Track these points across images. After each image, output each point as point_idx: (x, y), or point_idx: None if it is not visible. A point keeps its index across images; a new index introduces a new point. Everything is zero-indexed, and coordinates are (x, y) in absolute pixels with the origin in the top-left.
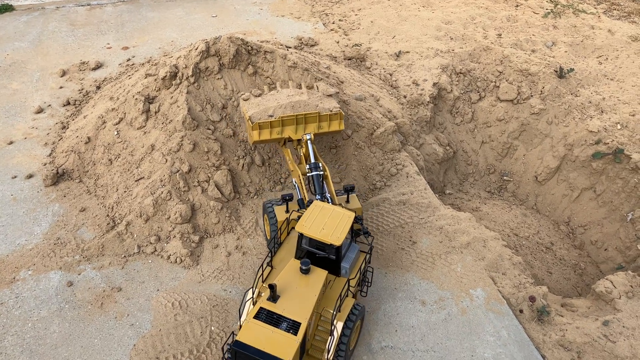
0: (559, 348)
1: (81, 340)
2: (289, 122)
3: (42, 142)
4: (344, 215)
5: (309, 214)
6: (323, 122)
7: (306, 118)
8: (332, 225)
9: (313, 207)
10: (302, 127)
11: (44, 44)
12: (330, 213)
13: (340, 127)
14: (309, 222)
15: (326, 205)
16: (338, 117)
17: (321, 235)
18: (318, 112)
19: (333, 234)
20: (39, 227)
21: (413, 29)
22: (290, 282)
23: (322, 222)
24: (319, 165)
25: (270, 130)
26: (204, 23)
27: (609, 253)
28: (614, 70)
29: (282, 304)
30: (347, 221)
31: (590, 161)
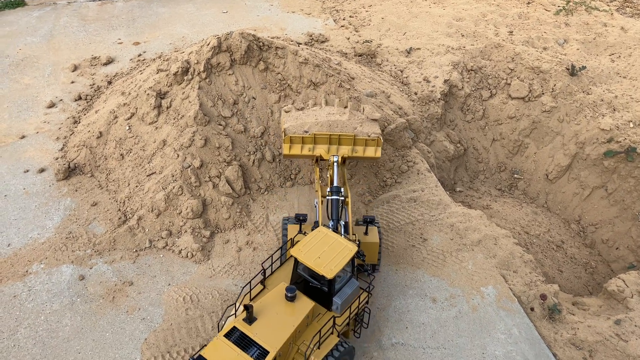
0: (570, 346)
1: (93, 333)
2: (322, 140)
3: (54, 137)
4: (345, 247)
5: (309, 240)
6: (358, 145)
7: (340, 139)
8: (330, 256)
9: (315, 233)
10: (335, 147)
11: (55, 38)
12: (331, 242)
13: (376, 154)
14: (307, 247)
15: (330, 233)
16: (375, 144)
17: (315, 264)
18: (354, 135)
19: (327, 265)
20: (51, 221)
21: (424, 25)
22: (273, 306)
23: (320, 250)
24: (340, 189)
25: (302, 145)
26: (215, 19)
27: (620, 252)
28: (626, 68)
29: (257, 328)
30: (346, 254)
31: (602, 159)
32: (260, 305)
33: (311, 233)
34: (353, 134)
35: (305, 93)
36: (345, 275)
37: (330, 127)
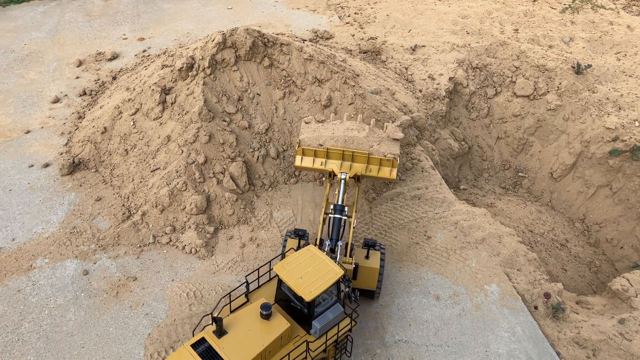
0: (574, 345)
1: (96, 328)
2: (335, 155)
3: (59, 132)
4: (330, 270)
5: (295, 257)
6: (373, 164)
7: (354, 156)
8: (312, 277)
9: (303, 252)
10: (348, 164)
11: (60, 34)
12: (317, 263)
13: (390, 176)
14: (291, 265)
15: (318, 254)
16: (390, 164)
17: (295, 284)
18: (368, 153)
19: (308, 287)
20: (55, 215)
21: (429, 23)
22: (246, 322)
23: (304, 270)
24: (344, 209)
25: (314, 159)
26: (220, 15)
27: (624, 251)
28: (632, 66)
29: (225, 342)
30: (330, 277)
31: (606, 158)
32: (234, 320)
33: (300, 251)
34: (367, 152)
35: (310, 89)
36: (330, 300)
37: (345, 143)
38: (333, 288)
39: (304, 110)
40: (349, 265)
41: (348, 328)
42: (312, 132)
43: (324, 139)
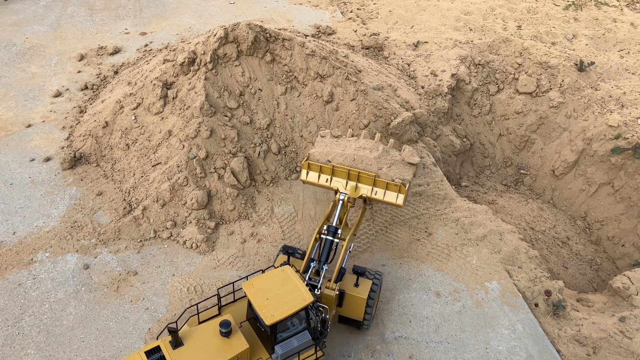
0: (574, 343)
1: (97, 322)
2: (341, 174)
3: (60, 126)
4: (299, 295)
5: (268, 277)
6: (379, 187)
7: (360, 176)
8: (280, 300)
9: (277, 272)
10: (354, 184)
11: (62, 28)
12: (288, 286)
13: (396, 202)
14: (261, 284)
15: (292, 276)
16: (397, 190)
17: (258, 305)
18: (375, 175)
19: (271, 310)
20: (56, 209)
21: (432, 19)
22: (206, 337)
23: (273, 291)
24: (337, 231)
25: (319, 175)
26: (222, 10)
27: (626, 249)
28: (635, 64)
29: (179, 354)
30: (297, 304)
31: (609, 156)
32: (194, 332)
33: (274, 270)
34: (374, 174)
35: (312, 85)
36: (298, 326)
37: (354, 162)
38: (302, 314)
39: (306, 106)
40: (330, 292)
41: (313, 358)
42: (323, 147)
43: (334, 155)
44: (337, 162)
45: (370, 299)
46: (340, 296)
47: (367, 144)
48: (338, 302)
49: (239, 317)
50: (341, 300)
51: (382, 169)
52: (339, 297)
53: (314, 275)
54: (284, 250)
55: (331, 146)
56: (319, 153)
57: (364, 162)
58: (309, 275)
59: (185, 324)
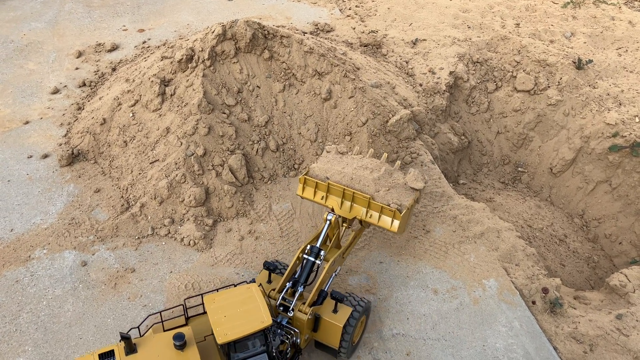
0: (571, 340)
1: (95, 319)
2: (336, 192)
3: (58, 123)
4: (258, 317)
5: (232, 293)
6: (374, 210)
7: (355, 197)
8: (237, 320)
9: (242, 290)
10: (349, 204)
11: (60, 24)
12: (249, 306)
13: (391, 228)
14: (222, 300)
15: (255, 296)
16: (392, 215)
17: (214, 321)
18: (369, 197)
19: (226, 328)
20: (54, 206)
21: (430, 16)
22: (160, 347)
23: (234, 309)
24: (320, 252)
25: (315, 191)
26: (220, 7)
27: (623, 247)
28: (633, 62)
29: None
30: (253, 325)
31: (606, 154)
32: (149, 341)
33: (239, 287)
34: (369, 196)
35: (310, 82)
36: (257, 347)
37: (351, 181)
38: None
39: (304, 103)
40: (302, 315)
41: None
42: (324, 163)
43: (333, 172)
44: (335, 180)
45: (348, 327)
46: (315, 321)
47: (370, 163)
48: (313, 327)
49: (206, 330)
50: (317, 326)
51: (379, 191)
52: (314, 321)
53: (289, 296)
54: (265, 267)
55: (332, 162)
56: (319, 169)
57: (362, 182)
58: (283, 296)
59: (150, 329)
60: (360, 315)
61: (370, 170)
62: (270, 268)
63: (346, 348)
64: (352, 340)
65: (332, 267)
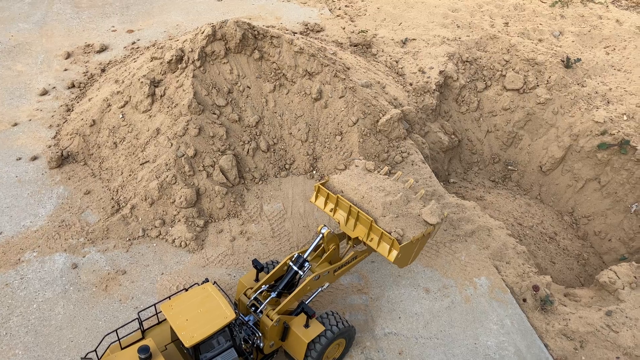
0: (561, 337)
1: (86, 322)
2: (344, 207)
3: (47, 124)
4: (220, 313)
5: (188, 296)
6: (374, 234)
7: (359, 216)
8: (200, 320)
9: (198, 290)
10: (353, 222)
11: (48, 25)
12: (209, 305)
13: (388, 256)
14: (180, 305)
15: (213, 294)
16: (390, 243)
17: (177, 326)
18: (372, 220)
19: (190, 331)
20: (44, 209)
21: (420, 16)
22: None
23: (193, 310)
24: (305, 264)
25: (326, 202)
26: (210, 7)
27: (612, 244)
28: (621, 60)
29: None
30: (217, 322)
31: (595, 152)
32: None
33: (194, 289)
34: (371, 219)
35: (301, 83)
36: (224, 344)
37: (362, 200)
38: (227, 332)
39: (295, 103)
40: (267, 320)
41: None
42: (345, 177)
43: (348, 187)
44: (347, 196)
45: (315, 344)
46: (285, 330)
47: (389, 186)
48: (282, 336)
49: (165, 339)
50: (284, 335)
51: (385, 216)
52: (283, 330)
53: (263, 299)
54: (254, 265)
55: (353, 177)
56: (338, 181)
57: (371, 203)
58: (256, 296)
59: (107, 350)
60: (333, 337)
61: (385, 193)
62: (258, 267)
63: None
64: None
65: (317, 282)
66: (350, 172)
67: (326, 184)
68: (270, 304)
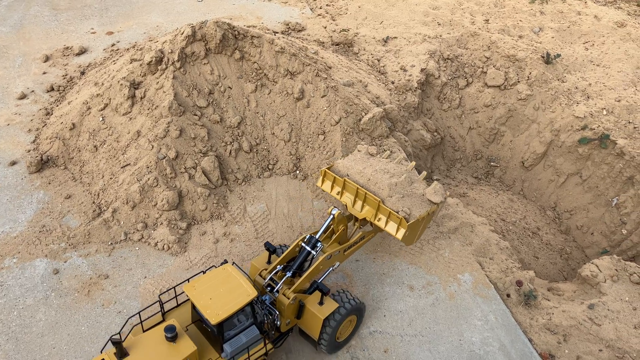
0: (545, 331)
1: (68, 328)
2: (351, 190)
3: (26, 129)
4: (243, 292)
5: (210, 276)
6: (382, 214)
7: (367, 197)
8: (224, 298)
9: (218, 271)
10: (360, 204)
11: (25, 28)
12: (230, 284)
13: (396, 234)
14: (203, 285)
15: (233, 273)
16: (398, 222)
17: (203, 306)
18: (380, 201)
19: (216, 309)
20: (24, 214)
21: (401, 14)
22: (151, 344)
23: (217, 290)
24: (317, 244)
25: (332, 185)
26: (190, 7)
27: (594, 237)
28: (600, 56)
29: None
30: (241, 300)
31: (576, 147)
32: (138, 341)
33: (215, 270)
34: (379, 199)
35: (282, 82)
36: (245, 322)
37: (368, 182)
38: (248, 310)
39: (277, 103)
40: (284, 299)
41: (262, 352)
42: (350, 161)
43: (353, 171)
44: (353, 179)
45: (330, 321)
46: (300, 308)
47: (393, 168)
48: (297, 314)
49: (185, 320)
50: (300, 313)
51: (392, 197)
52: (299, 309)
53: (278, 279)
54: (266, 247)
55: (357, 162)
56: (343, 165)
57: (377, 184)
58: (272, 277)
59: (130, 333)
60: (346, 314)
61: (390, 175)
62: (270, 249)
63: (327, 342)
64: (335, 337)
65: (329, 261)
66: (354, 157)
67: (332, 168)
68: (285, 284)
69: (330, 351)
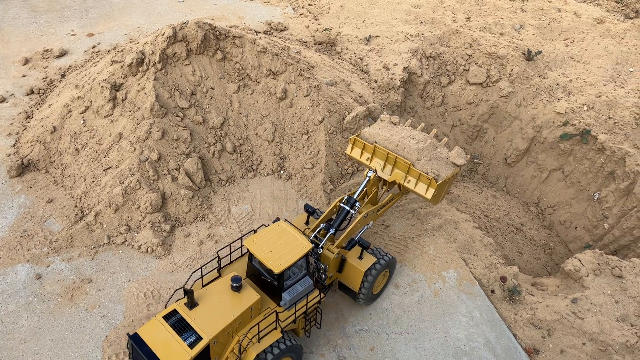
0: (529, 326)
1: (51, 333)
2: (380, 155)
3: (6, 133)
4: (299, 244)
5: (266, 232)
6: (412, 176)
7: (397, 161)
8: (282, 251)
9: (274, 227)
10: (390, 168)
11: (4, 30)
12: (286, 237)
13: (426, 194)
14: (261, 240)
15: (288, 229)
16: (428, 182)
17: (264, 257)
18: (410, 164)
19: (276, 260)
20: (4, 219)
21: (383, 13)
22: (217, 294)
23: (274, 244)
24: (355, 203)
25: (362, 152)
26: (171, 8)
27: (577, 232)
28: (580, 52)
29: (196, 314)
30: (298, 251)
31: (558, 142)
32: (205, 292)
33: (270, 226)
34: (409, 162)
35: (265, 82)
36: (300, 272)
37: (396, 147)
38: (302, 262)
39: (260, 103)
40: (329, 253)
41: (317, 300)
42: (375, 129)
43: (381, 137)
44: (381, 145)
45: (369, 273)
46: (342, 263)
47: (417, 135)
48: (339, 268)
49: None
50: (342, 267)
51: (420, 160)
52: (340, 263)
53: (321, 236)
54: (305, 209)
55: (383, 129)
56: (369, 133)
57: (406, 149)
58: (316, 235)
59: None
60: (382, 268)
61: (416, 141)
62: (310, 211)
63: (365, 294)
64: (372, 289)
65: (365, 220)
66: (379, 125)
67: (360, 135)
68: (328, 240)
69: (368, 302)
